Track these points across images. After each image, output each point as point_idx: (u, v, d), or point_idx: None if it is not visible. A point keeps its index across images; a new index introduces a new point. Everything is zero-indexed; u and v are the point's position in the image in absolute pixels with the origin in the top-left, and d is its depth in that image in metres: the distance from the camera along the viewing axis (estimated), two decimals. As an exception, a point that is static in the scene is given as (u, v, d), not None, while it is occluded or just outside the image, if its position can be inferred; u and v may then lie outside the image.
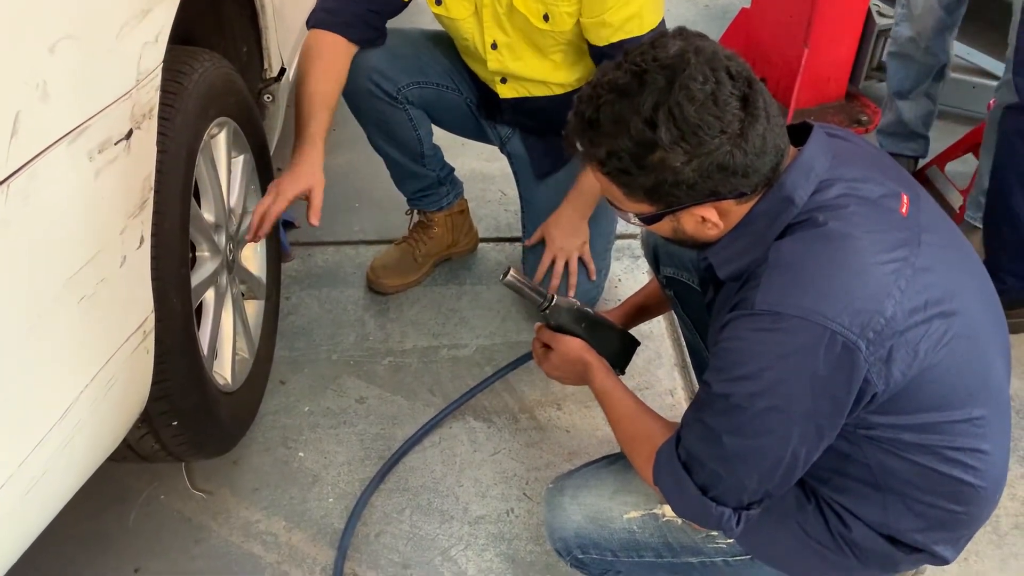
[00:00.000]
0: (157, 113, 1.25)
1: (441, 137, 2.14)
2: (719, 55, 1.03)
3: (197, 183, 1.48)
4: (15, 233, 0.95)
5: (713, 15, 3.75)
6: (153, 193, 1.25)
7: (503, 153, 2.14)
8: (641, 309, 1.66)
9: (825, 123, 1.19)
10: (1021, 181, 1.96)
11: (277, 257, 1.93)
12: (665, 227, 1.13)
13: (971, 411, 1.12)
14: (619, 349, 1.50)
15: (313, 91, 1.71)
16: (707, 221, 1.09)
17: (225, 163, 1.62)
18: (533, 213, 2.07)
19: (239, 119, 1.65)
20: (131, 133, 1.16)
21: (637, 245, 2.36)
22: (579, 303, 1.45)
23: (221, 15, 1.81)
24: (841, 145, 1.15)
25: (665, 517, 1.28)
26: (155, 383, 1.31)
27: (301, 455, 1.81)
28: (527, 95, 1.92)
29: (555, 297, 1.42)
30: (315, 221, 1.67)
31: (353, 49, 1.82)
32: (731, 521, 1.12)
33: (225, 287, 1.64)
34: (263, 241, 1.86)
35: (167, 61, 1.28)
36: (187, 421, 1.43)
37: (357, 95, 1.93)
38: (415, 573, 1.60)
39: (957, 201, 2.55)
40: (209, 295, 1.58)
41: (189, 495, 1.72)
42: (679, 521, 1.27)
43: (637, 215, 1.12)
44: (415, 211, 2.27)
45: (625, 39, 1.69)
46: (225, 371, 1.65)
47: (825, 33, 2.87)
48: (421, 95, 1.97)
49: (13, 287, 0.97)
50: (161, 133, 1.27)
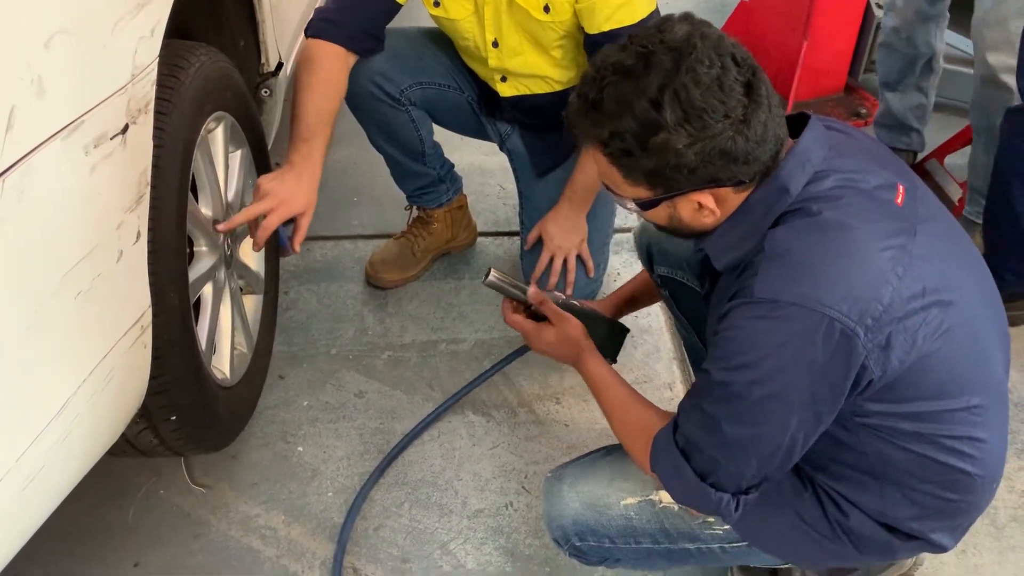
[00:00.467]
0: (153, 108, 1.25)
1: (440, 132, 2.13)
2: (725, 41, 1.04)
3: (194, 178, 1.48)
4: (11, 228, 0.95)
5: (712, 7, 3.74)
6: (150, 188, 1.25)
7: (502, 151, 2.14)
8: (631, 300, 1.67)
9: (824, 116, 1.19)
10: (1022, 181, 1.96)
11: (275, 252, 1.93)
12: (661, 214, 1.13)
13: (969, 400, 1.12)
14: (608, 337, 1.51)
15: (316, 107, 1.69)
16: (703, 208, 1.09)
17: (222, 158, 1.62)
18: (532, 210, 2.07)
19: (236, 113, 1.65)
20: (127, 128, 1.16)
21: (636, 239, 2.36)
22: (565, 295, 1.44)
23: (218, 9, 1.81)
24: (838, 137, 1.15)
25: (662, 503, 1.29)
26: (153, 378, 1.32)
27: (300, 449, 1.82)
28: (527, 92, 1.92)
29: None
30: (297, 248, 1.67)
31: (352, 59, 1.81)
32: (730, 506, 1.13)
33: (223, 282, 1.64)
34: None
35: (163, 55, 1.28)
36: (186, 416, 1.43)
37: (359, 98, 1.93)
38: (414, 567, 1.60)
39: (956, 194, 2.55)
40: (207, 290, 1.58)
41: (188, 489, 1.72)
42: (676, 507, 1.28)
43: (635, 200, 1.12)
44: (414, 206, 2.27)
45: (616, 28, 1.69)
46: (224, 366, 1.65)
47: (824, 26, 2.87)
48: (423, 95, 1.97)
49: (9, 282, 0.97)
50: (157, 128, 1.26)
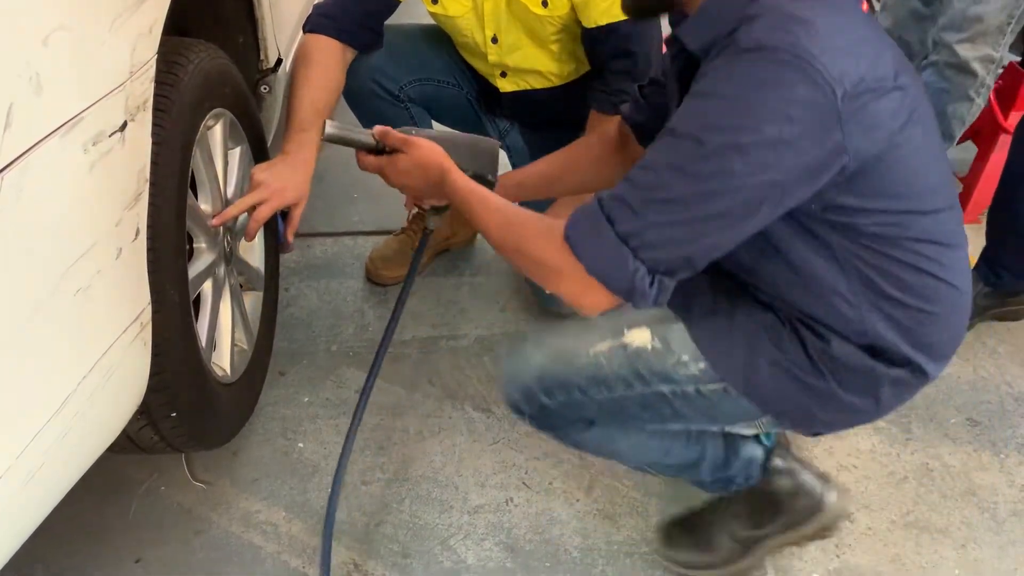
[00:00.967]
0: (152, 105, 1.24)
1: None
2: None
3: (194, 175, 1.48)
4: (10, 226, 0.95)
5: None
6: (149, 185, 1.24)
7: (501, 147, 2.14)
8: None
9: None
10: None
11: (275, 248, 1.93)
12: None
13: (934, 203, 1.12)
14: (476, 157, 1.38)
15: (313, 99, 1.69)
16: None
17: (222, 155, 1.62)
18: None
19: (236, 110, 1.65)
20: (125, 125, 1.16)
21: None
22: (417, 129, 1.35)
23: (217, 5, 1.80)
24: None
25: (633, 346, 1.25)
26: (153, 375, 1.32)
27: (301, 446, 1.82)
28: (527, 88, 1.92)
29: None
30: (291, 238, 1.66)
31: (351, 55, 1.81)
32: (644, 281, 1.03)
33: (223, 278, 1.64)
34: (261, 232, 1.86)
35: (162, 52, 1.28)
36: (186, 412, 1.43)
37: (358, 95, 1.93)
38: (415, 563, 1.60)
39: (957, 188, 2.55)
40: (207, 286, 1.58)
41: (189, 486, 1.72)
42: (648, 347, 1.24)
43: None
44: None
45: (613, 22, 1.69)
46: (224, 362, 1.66)
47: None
48: (422, 92, 1.97)
49: (9, 280, 0.97)
50: (156, 125, 1.26)
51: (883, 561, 1.61)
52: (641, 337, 1.25)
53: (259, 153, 1.81)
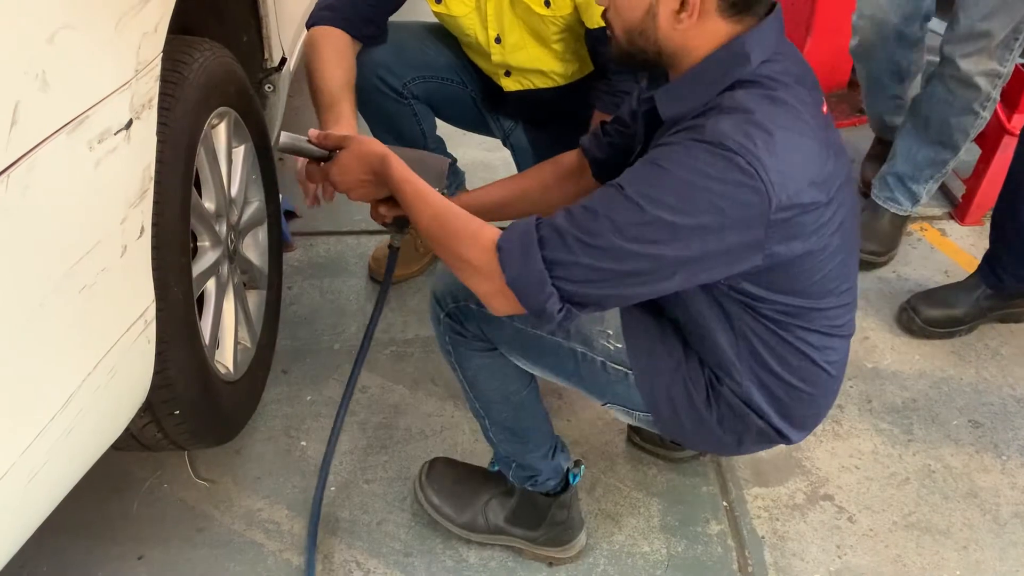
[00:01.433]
0: (157, 103, 1.25)
1: (442, 127, 2.14)
2: None
3: (198, 173, 1.48)
4: (15, 223, 0.96)
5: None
6: (153, 183, 1.25)
7: (506, 146, 2.14)
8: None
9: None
10: None
11: (279, 247, 1.94)
12: (640, 6, 1.13)
13: (830, 302, 1.23)
14: (424, 171, 1.37)
15: (333, 75, 1.66)
16: (684, 11, 1.11)
17: (226, 153, 1.62)
18: None
19: (240, 109, 1.65)
20: (131, 123, 1.16)
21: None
22: None
23: (222, 4, 1.81)
24: (789, 47, 1.23)
25: None
26: (157, 372, 1.32)
27: (303, 444, 1.82)
28: (531, 87, 1.92)
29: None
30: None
31: (357, 45, 1.81)
32: (555, 305, 1.11)
33: (227, 277, 1.65)
34: (264, 231, 1.86)
35: (167, 51, 1.28)
36: (189, 410, 1.43)
37: (362, 91, 1.93)
38: (416, 561, 1.61)
39: (960, 190, 2.55)
40: (211, 284, 1.59)
41: (192, 484, 1.73)
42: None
43: None
44: (416, 201, 2.27)
45: None
46: (227, 360, 1.66)
47: (828, 21, 2.86)
48: (426, 89, 1.97)
49: (14, 277, 0.98)
50: (161, 123, 1.27)
51: (884, 562, 1.61)
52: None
53: (263, 151, 1.81)
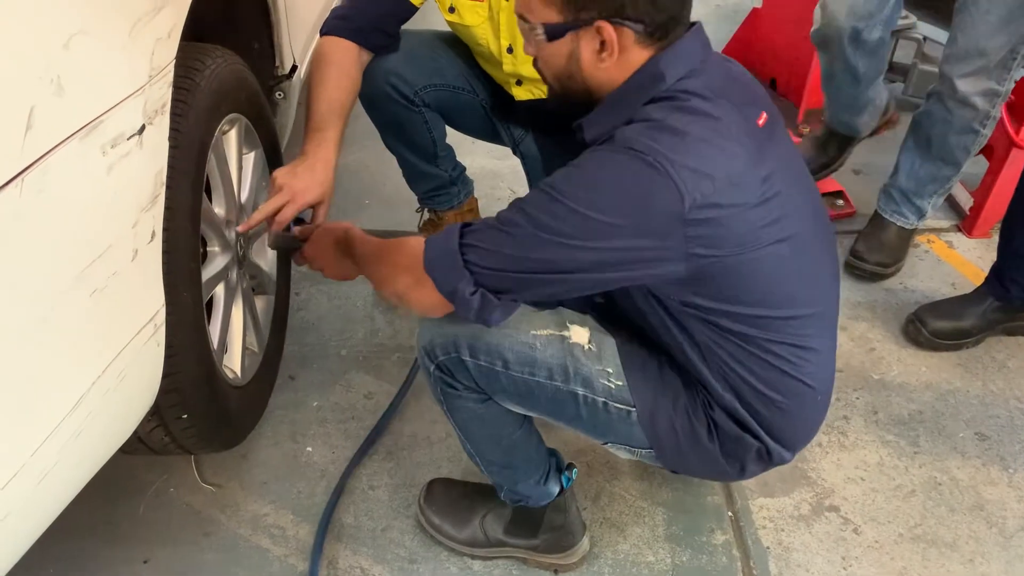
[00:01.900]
0: (169, 109, 1.26)
1: (452, 135, 2.14)
2: None
3: (208, 179, 1.49)
4: (29, 226, 0.97)
5: (724, 14, 3.75)
6: (165, 188, 1.26)
7: (516, 154, 2.15)
8: None
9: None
10: None
11: (288, 253, 1.94)
12: (563, 51, 1.18)
13: (794, 311, 1.23)
14: None
15: (330, 97, 1.69)
16: (604, 50, 1.15)
17: (236, 159, 1.63)
18: None
19: (251, 115, 1.66)
20: (144, 128, 1.17)
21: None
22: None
23: (233, 11, 1.82)
24: (720, 60, 1.25)
25: (572, 340, 1.31)
26: (165, 376, 1.33)
27: (309, 449, 1.83)
28: (542, 97, 1.93)
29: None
30: None
31: (366, 57, 1.82)
32: (467, 287, 1.16)
33: (235, 282, 1.65)
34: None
35: (180, 57, 1.29)
36: (197, 414, 1.44)
37: (374, 98, 1.94)
38: (421, 568, 1.61)
39: (967, 202, 2.54)
40: (219, 289, 1.60)
41: (198, 488, 1.73)
42: (584, 347, 1.31)
43: (544, 26, 1.17)
44: (425, 208, 2.28)
45: None
46: (235, 365, 1.67)
47: (837, 33, 2.86)
48: (437, 97, 1.98)
49: (26, 279, 0.99)
50: (173, 129, 1.28)
51: (890, 574, 1.61)
52: (581, 335, 1.31)
53: (273, 158, 1.82)
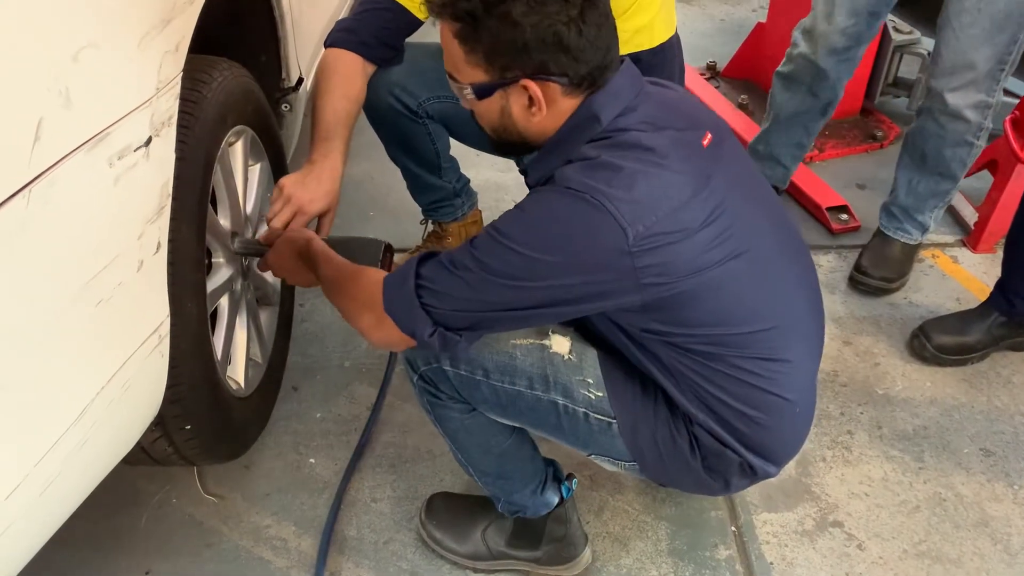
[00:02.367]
0: (176, 121, 1.27)
1: (456, 147, 2.15)
2: None
3: (214, 190, 1.50)
4: (36, 237, 0.97)
5: (729, 29, 3.76)
6: (171, 199, 1.26)
7: (520, 168, 2.15)
8: None
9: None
10: None
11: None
12: (495, 107, 1.21)
13: (757, 325, 1.23)
14: (368, 256, 1.49)
15: (335, 108, 1.70)
16: (533, 105, 1.17)
17: (242, 171, 1.64)
18: None
19: (257, 128, 1.67)
20: (150, 140, 1.18)
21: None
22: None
23: (240, 24, 1.83)
24: (657, 88, 1.25)
25: (552, 350, 1.32)
26: (169, 387, 1.33)
27: (312, 461, 1.83)
28: None
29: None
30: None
31: (370, 69, 1.82)
32: (425, 328, 1.20)
33: (240, 293, 1.66)
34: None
35: (187, 70, 1.30)
36: (200, 425, 1.44)
37: (378, 109, 1.95)
38: (423, 581, 1.60)
39: (972, 217, 2.54)
40: (224, 301, 1.60)
41: (201, 499, 1.73)
42: (564, 357, 1.31)
43: (472, 86, 1.19)
44: (429, 220, 2.28)
45: (635, 52, 1.70)
46: (238, 376, 1.67)
47: (841, 48, 2.87)
48: (441, 109, 1.99)
49: (33, 290, 0.99)
50: (180, 140, 1.28)
51: (894, 591, 1.60)
52: (562, 345, 1.32)
53: (279, 170, 1.83)
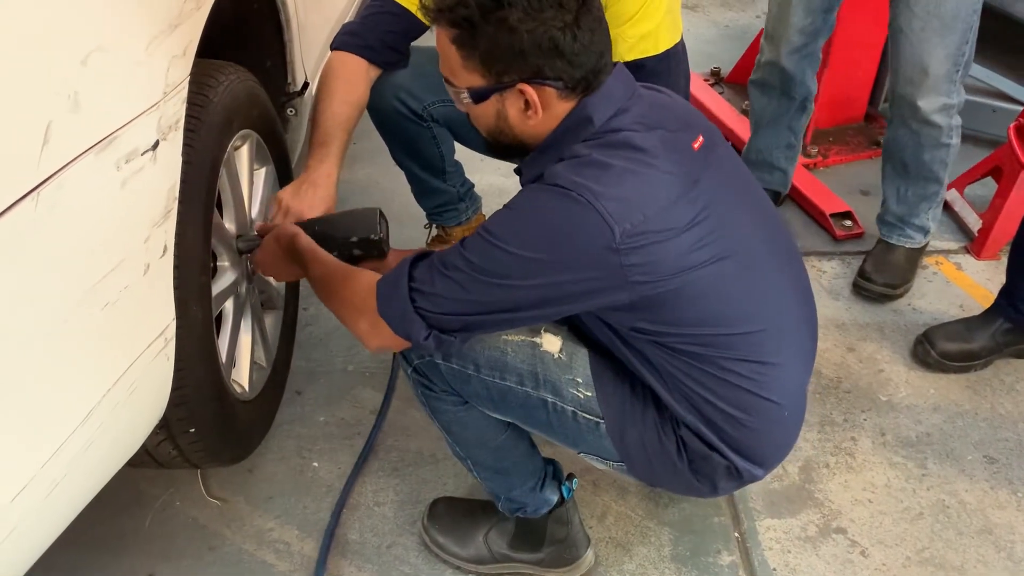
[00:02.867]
0: (183, 125, 1.27)
1: (461, 152, 2.15)
2: None
3: (220, 194, 1.50)
4: (44, 239, 0.98)
5: (733, 35, 3.76)
6: (177, 203, 1.27)
7: (515, 168, 2.16)
8: None
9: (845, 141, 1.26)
10: None
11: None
12: (490, 111, 1.22)
13: (745, 327, 1.22)
14: (365, 224, 1.49)
15: (334, 112, 1.71)
16: (529, 108, 1.18)
17: (247, 175, 1.65)
18: None
19: (262, 132, 1.68)
20: (157, 144, 1.18)
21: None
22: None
23: (247, 30, 1.84)
24: (651, 92, 1.26)
25: (543, 348, 1.33)
26: (174, 389, 1.33)
27: (315, 465, 1.83)
28: None
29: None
30: None
31: (375, 72, 1.83)
32: (420, 332, 1.20)
33: (245, 296, 1.66)
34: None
35: (194, 74, 1.30)
36: (204, 428, 1.44)
37: (383, 112, 1.95)
38: (426, 585, 1.60)
39: (976, 224, 2.54)
40: (229, 304, 1.61)
41: (204, 502, 1.73)
42: (555, 355, 1.32)
43: (468, 91, 1.20)
44: (433, 224, 2.28)
45: (639, 58, 1.70)
46: (243, 379, 1.67)
47: (844, 54, 2.88)
48: (445, 113, 1.99)
49: (40, 292, 1.00)
50: (186, 144, 1.29)
51: (897, 598, 1.60)
52: (552, 344, 1.33)
53: (284, 174, 1.83)
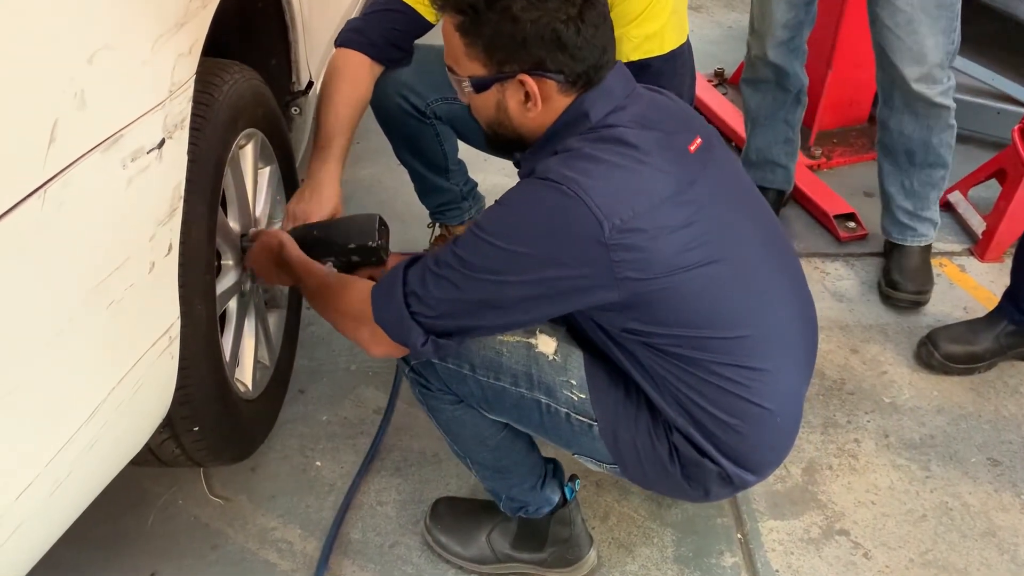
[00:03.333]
0: (189, 123, 1.27)
1: (464, 151, 2.16)
2: None
3: (224, 193, 1.50)
4: (49, 237, 0.98)
5: (737, 35, 3.76)
6: (182, 202, 1.27)
7: (514, 161, 2.15)
8: None
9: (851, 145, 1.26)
10: None
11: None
12: (491, 101, 1.23)
13: (737, 331, 1.22)
14: (363, 231, 1.50)
15: (337, 114, 1.71)
16: (529, 100, 1.20)
17: (252, 174, 1.65)
18: None
19: (267, 131, 1.68)
20: (163, 142, 1.18)
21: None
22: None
23: (252, 28, 1.84)
24: (650, 93, 1.27)
25: (537, 349, 1.33)
26: (178, 388, 1.33)
27: (318, 464, 1.83)
28: None
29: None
30: None
31: (378, 69, 1.83)
32: (418, 338, 1.21)
33: (248, 295, 1.66)
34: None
35: (199, 72, 1.30)
36: (208, 427, 1.44)
37: (386, 110, 1.95)
38: (429, 585, 1.60)
39: (980, 226, 2.54)
40: (233, 303, 1.60)
41: (207, 501, 1.73)
42: (549, 357, 1.32)
43: (470, 79, 1.22)
44: (437, 223, 2.28)
45: (645, 59, 1.70)
46: (246, 378, 1.67)
47: (848, 56, 2.88)
48: (449, 110, 1.99)
49: (45, 291, 1.00)
50: (192, 143, 1.29)
51: (901, 600, 1.60)
52: (547, 345, 1.33)
53: (288, 173, 1.83)
